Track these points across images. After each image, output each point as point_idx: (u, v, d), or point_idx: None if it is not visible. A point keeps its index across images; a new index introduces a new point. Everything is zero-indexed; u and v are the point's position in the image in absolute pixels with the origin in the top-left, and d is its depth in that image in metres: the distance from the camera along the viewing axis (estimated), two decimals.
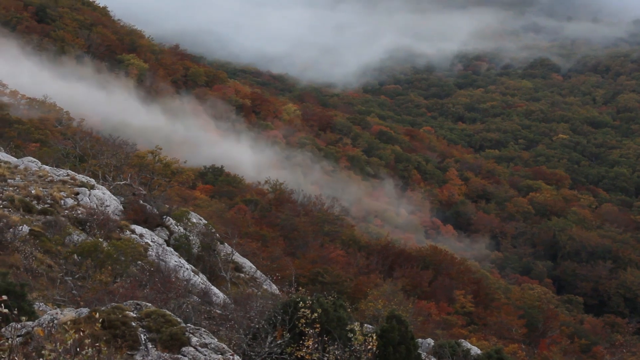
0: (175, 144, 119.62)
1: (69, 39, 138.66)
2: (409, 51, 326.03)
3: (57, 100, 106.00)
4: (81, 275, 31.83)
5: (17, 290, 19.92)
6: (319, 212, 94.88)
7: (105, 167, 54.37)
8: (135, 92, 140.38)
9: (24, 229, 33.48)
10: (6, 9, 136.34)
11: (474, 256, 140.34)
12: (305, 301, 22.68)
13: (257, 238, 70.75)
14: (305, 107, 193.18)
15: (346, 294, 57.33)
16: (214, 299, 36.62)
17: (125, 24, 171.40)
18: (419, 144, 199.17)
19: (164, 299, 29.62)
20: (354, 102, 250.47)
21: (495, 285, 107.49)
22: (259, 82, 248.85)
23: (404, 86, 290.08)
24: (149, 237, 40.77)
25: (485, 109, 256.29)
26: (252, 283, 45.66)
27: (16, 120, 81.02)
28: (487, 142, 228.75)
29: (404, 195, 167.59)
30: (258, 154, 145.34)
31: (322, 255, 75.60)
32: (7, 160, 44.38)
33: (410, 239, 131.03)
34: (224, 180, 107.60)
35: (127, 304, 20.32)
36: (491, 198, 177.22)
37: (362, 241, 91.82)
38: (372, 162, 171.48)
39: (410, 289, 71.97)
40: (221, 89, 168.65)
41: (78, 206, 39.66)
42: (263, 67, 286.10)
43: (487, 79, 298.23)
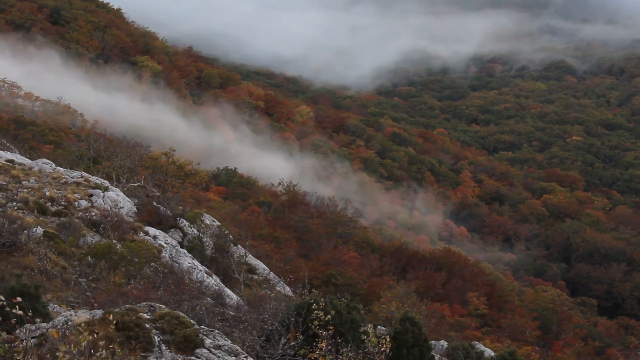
0: (188, 145, 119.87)
1: (83, 40, 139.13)
2: (424, 53, 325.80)
3: (71, 102, 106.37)
4: (95, 277, 31.90)
5: (31, 291, 19.99)
6: (332, 213, 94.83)
7: (119, 168, 54.46)
8: (149, 94, 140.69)
9: (38, 230, 33.57)
10: (21, 11, 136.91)
11: (488, 258, 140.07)
12: (319, 303, 22.67)
13: (271, 240, 70.76)
14: (318, 109, 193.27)
15: (359, 296, 57.32)
16: (227, 300, 36.65)
17: (139, 26, 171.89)
18: (433, 145, 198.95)
19: (178, 301, 29.65)
20: (367, 104, 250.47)
21: (509, 287, 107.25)
22: (273, 84, 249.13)
23: (417, 88, 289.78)
24: (162, 238, 40.83)
25: (499, 111, 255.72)
26: (266, 285, 45.66)
27: (30, 122, 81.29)
28: (500, 144, 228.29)
29: (417, 197, 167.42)
30: (279, 160, 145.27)
31: (336, 257, 75.58)
32: (22, 162, 44.52)
33: (423, 241, 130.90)
34: (237, 182, 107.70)
35: (140, 305, 20.35)
36: (505, 200, 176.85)
37: (375, 243, 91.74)
38: (386, 164, 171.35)
39: (424, 291, 71.84)
40: (235, 91, 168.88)
41: (92, 208, 39.76)
42: (278, 69, 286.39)
43: (500, 80, 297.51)
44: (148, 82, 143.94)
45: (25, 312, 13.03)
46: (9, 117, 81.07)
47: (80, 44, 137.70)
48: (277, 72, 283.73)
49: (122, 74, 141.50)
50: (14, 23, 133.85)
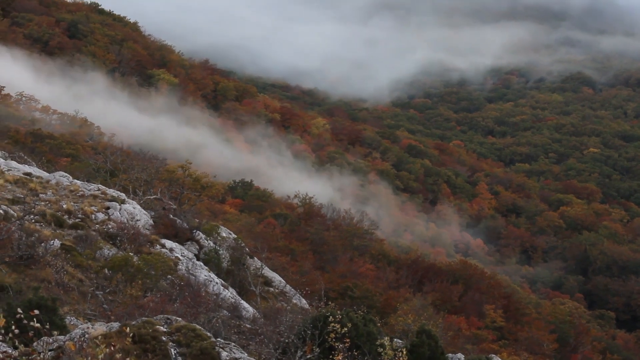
0: (205, 158, 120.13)
1: (100, 54, 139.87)
2: (441, 65, 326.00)
3: (88, 115, 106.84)
4: (112, 290, 31.98)
5: (48, 304, 20.06)
6: (348, 226, 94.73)
7: (136, 181, 54.63)
8: (165, 107, 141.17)
9: (55, 243, 33.69)
10: (39, 25, 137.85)
11: (504, 271, 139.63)
12: (335, 315, 22.67)
13: (287, 252, 70.75)
14: (334, 122, 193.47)
15: (376, 309, 57.17)
16: (243, 313, 36.66)
17: (155, 39, 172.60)
18: (449, 157, 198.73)
19: (194, 314, 29.70)
20: (383, 116, 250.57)
21: (526, 299, 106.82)
22: (289, 96, 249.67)
23: (433, 100, 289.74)
24: (179, 251, 40.90)
25: (515, 123, 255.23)
26: (282, 297, 45.65)
27: (48, 135, 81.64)
28: (517, 156, 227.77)
29: (434, 209, 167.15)
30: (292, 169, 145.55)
31: (352, 270, 75.43)
32: (39, 175, 44.72)
33: (440, 253, 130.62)
34: (253, 195, 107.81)
35: (157, 318, 20.40)
36: (521, 212, 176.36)
37: (391, 255, 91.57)
38: (402, 176, 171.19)
39: (440, 304, 71.65)
40: (251, 103, 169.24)
41: (109, 220, 39.88)
42: (295, 82, 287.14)
43: (517, 92, 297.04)
44: (164, 95, 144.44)
45: (43, 324, 13.08)
46: (27, 131, 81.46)
47: (97, 57, 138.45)
48: (294, 85, 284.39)
49: (139, 87, 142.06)
50: (32, 37, 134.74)
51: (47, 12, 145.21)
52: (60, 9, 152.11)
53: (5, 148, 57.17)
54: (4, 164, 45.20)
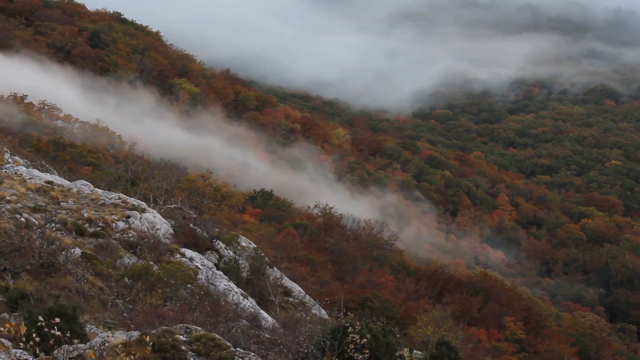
0: (225, 167, 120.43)
1: (122, 63, 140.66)
2: (464, 77, 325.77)
3: (109, 124, 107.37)
4: (132, 298, 32.07)
5: (69, 312, 20.15)
6: (368, 236, 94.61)
7: (156, 190, 54.81)
8: (186, 116, 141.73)
9: (76, 251, 33.83)
10: (61, 34, 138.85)
11: (525, 283, 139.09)
12: (354, 326, 22.64)
13: (306, 262, 70.71)
14: (355, 132, 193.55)
15: (395, 320, 57.02)
16: (263, 323, 36.65)
17: (177, 49, 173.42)
18: (469, 169, 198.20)
19: (214, 323, 29.73)
20: (403, 127, 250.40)
21: (547, 312, 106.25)
22: (309, 106, 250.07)
23: (454, 111, 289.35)
24: (198, 260, 40.98)
25: (537, 135, 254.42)
26: (301, 307, 45.63)
27: (69, 144, 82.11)
28: (538, 168, 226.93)
29: (454, 220, 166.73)
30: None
31: (371, 280, 75.29)
32: (61, 183, 44.96)
33: (459, 264, 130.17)
34: (273, 205, 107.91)
35: (177, 327, 20.44)
36: (542, 224, 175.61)
37: (411, 266, 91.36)
38: (422, 187, 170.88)
39: (460, 315, 71.35)
40: (271, 113, 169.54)
41: (129, 229, 40.02)
42: (317, 92, 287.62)
43: (538, 104, 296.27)
44: (185, 105, 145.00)
45: (63, 333, 13.15)
46: (49, 139, 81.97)
47: (119, 66, 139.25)
48: (314, 95, 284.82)
49: (160, 96, 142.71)
50: (55, 46, 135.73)
51: (70, 22, 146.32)
52: (83, 18, 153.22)
53: (27, 156, 57.53)
54: (25, 172, 45.47)
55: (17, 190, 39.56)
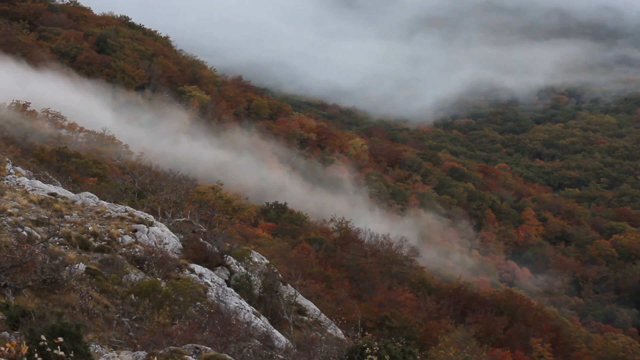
0: (236, 179, 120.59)
1: (130, 69, 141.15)
2: (490, 85, 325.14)
3: (115, 133, 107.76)
4: (138, 317, 32.08)
5: (72, 331, 20.18)
6: (387, 252, 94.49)
7: (165, 203, 54.90)
8: (196, 125, 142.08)
9: (80, 267, 33.88)
10: (66, 39, 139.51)
11: (552, 302, 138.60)
12: (372, 347, 22.58)
13: (322, 279, 70.65)
14: (373, 142, 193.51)
15: (415, 340, 56.90)
16: (276, 343, 36.63)
17: (187, 55, 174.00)
18: (494, 181, 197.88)
19: (224, 343, 29.72)
20: (424, 137, 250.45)
21: (576, 333, 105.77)
22: (325, 115, 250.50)
23: (478, 121, 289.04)
24: (208, 276, 41.00)
25: (565, 145, 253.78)
26: (316, 327, 45.59)
27: (74, 154, 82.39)
28: (566, 181, 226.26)
29: (477, 235, 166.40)
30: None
31: (390, 298, 75.17)
32: (65, 195, 45.08)
33: (483, 282, 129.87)
34: (287, 218, 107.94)
35: (185, 347, 20.44)
36: (571, 240, 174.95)
37: (432, 284, 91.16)
38: (444, 200, 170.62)
39: (484, 336, 71.16)
40: (285, 122, 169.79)
41: (136, 244, 40.07)
42: (336, 101, 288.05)
43: (567, 113, 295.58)
44: (195, 113, 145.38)
45: (67, 352, 13.16)
46: (52, 149, 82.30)
47: (126, 72, 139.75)
48: (330, 103, 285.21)
49: (169, 103, 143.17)
50: (60, 51, 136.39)
51: (76, 26, 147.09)
52: (89, 22, 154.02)
53: (30, 167, 57.75)
54: (28, 184, 45.65)
55: (19, 203, 39.70)
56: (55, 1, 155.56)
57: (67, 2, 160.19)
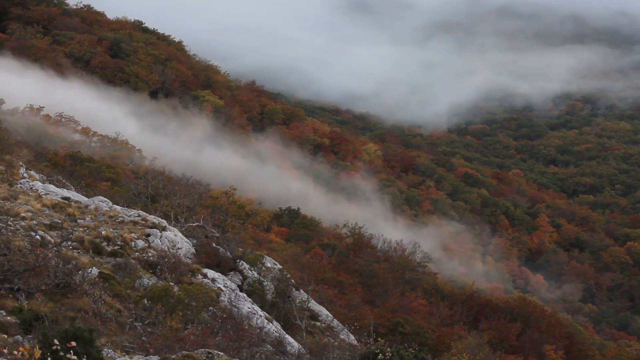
0: (250, 183, 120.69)
1: (143, 74, 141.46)
2: (505, 90, 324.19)
3: (129, 137, 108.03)
4: (151, 321, 32.13)
5: (85, 335, 20.24)
6: (400, 258, 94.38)
7: (178, 207, 55.00)
8: (210, 130, 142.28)
9: (93, 271, 33.95)
10: (80, 43, 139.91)
11: (566, 309, 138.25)
12: (385, 353, 22.57)
13: (334, 284, 70.61)
14: (386, 148, 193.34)
15: (428, 346, 56.80)
16: (288, 348, 36.64)
17: (200, 59, 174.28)
18: (507, 187, 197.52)
19: (237, 348, 29.76)
20: (438, 142, 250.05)
21: (590, 340, 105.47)
22: (339, 120, 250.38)
23: (492, 126, 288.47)
24: (221, 281, 41.03)
25: (580, 152, 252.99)
26: (329, 332, 45.57)
27: (87, 158, 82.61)
28: (581, 187, 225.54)
29: (491, 242, 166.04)
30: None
31: (403, 304, 75.08)
32: (78, 199, 45.22)
33: (497, 288, 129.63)
34: (300, 223, 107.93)
35: (198, 352, 20.47)
36: (585, 247, 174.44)
37: (445, 290, 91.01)
38: (457, 206, 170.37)
39: (497, 343, 70.99)
40: (298, 127, 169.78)
41: (149, 248, 40.15)
42: (349, 106, 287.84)
43: (581, 120, 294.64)
44: (209, 117, 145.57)
45: (80, 356, 13.21)
46: (66, 153, 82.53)
47: (139, 77, 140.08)
48: (344, 109, 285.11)
49: (182, 108, 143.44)
50: (73, 56, 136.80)
51: (89, 30, 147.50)
52: (102, 26, 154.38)
53: (44, 171, 57.96)
54: (41, 188, 45.81)
55: (32, 207, 39.84)
56: (69, 5, 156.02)
57: (81, 6, 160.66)
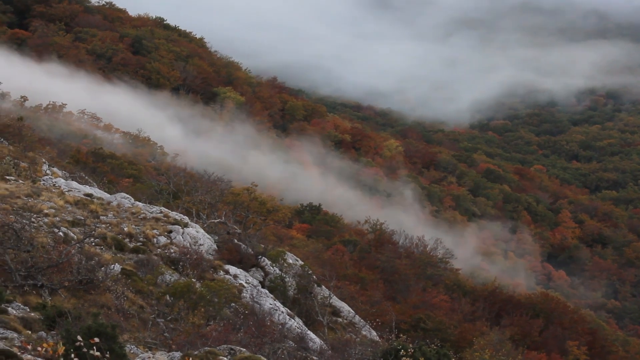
0: (271, 180, 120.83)
1: (165, 71, 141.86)
2: (528, 86, 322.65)
3: (150, 134, 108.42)
4: (173, 317, 32.21)
5: (108, 331, 20.30)
6: (422, 254, 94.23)
7: (200, 204, 55.07)
8: (231, 126, 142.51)
9: (115, 267, 34.06)
10: (102, 40, 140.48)
11: (589, 305, 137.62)
12: (407, 349, 22.55)
13: (356, 281, 70.57)
14: (407, 144, 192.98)
15: (450, 342, 56.71)
16: (310, 344, 36.63)
17: (222, 56, 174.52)
18: (529, 183, 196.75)
19: (259, 344, 29.79)
20: (459, 138, 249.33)
21: (613, 336, 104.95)
22: (360, 117, 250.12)
23: (514, 122, 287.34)
24: (243, 278, 41.08)
25: (602, 147, 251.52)
26: (350, 328, 45.56)
27: (110, 155, 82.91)
28: (603, 183, 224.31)
29: (513, 237, 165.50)
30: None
31: (424, 300, 74.96)
32: (100, 196, 45.37)
33: (519, 284, 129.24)
34: (321, 219, 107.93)
35: (220, 348, 20.50)
36: (608, 242, 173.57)
37: (467, 286, 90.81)
38: (479, 202, 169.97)
39: (519, 339, 70.78)
40: (320, 123, 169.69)
41: (171, 245, 40.21)
42: (372, 102, 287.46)
43: (604, 115, 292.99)
44: (230, 114, 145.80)
45: (103, 353, 13.26)
46: (88, 150, 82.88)
47: (161, 74, 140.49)
48: (365, 105, 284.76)
49: (204, 105, 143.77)
50: (95, 53, 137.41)
51: (111, 27, 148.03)
52: (124, 24, 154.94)
53: (66, 168, 58.15)
54: (64, 185, 46.01)
55: (55, 204, 39.98)
56: (91, 3, 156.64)
57: (103, 3, 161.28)
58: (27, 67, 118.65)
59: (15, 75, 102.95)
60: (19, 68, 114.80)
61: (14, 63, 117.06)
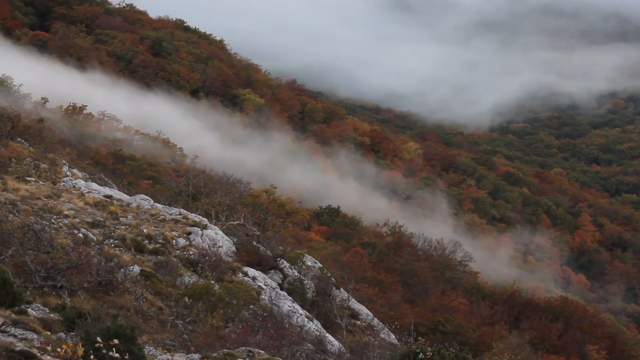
0: (290, 182, 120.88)
1: (184, 73, 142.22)
2: (550, 89, 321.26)
3: (170, 136, 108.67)
4: (192, 319, 32.26)
5: (127, 333, 20.33)
6: (440, 257, 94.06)
7: (219, 206, 55.15)
8: (250, 128, 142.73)
9: (134, 269, 34.15)
10: (122, 42, 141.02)
11: (609, 309, 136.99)
12: (426, 352, 22.49)
13: (375, 283, 70.54)
14: (427, 146, 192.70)
15: (469, 346, 56.60)
16: (328, 347, 36.63)
17: (241, 58, 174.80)
18: (549, 186, 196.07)
19: (277, 346, 29.80)
20: (479, 141, 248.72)
21: (633, 341, 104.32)
22: (379, 119, 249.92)
23: (533, 125, 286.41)
24: (261, 280, 41.11)
25: (622, 151, 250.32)
26: (369, 331, 45.51)
27: (129, 157, 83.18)
28: (623, 186, 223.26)
29: (532, 241, 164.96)
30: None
31: (443, 304, 74.83)
32: (120, 197, 45.53)
33: (538, 288, 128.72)
34: (340, 222, 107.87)
35: (239, 350, 20.51)
36: (628, 246, 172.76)
37: (486, 289, 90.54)
38: (498, 205, 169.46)
39: (538, 342, 70.55)
40: (339, 126, 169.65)
41: (190, 246, 40.29)
42: (392, 105, 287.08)
43: (624, 118, 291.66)
44: (250, 116, 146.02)
45: (122, 354, 13.28)
46: (108, 152, 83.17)
47: (181, 76, 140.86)
48: (385, 107, 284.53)
49: (223, 107, 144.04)
50: (116, 54, 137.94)
51: (132, 29, 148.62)
52: (144, 25, 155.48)
53: (86, 169, 58.41)
54: (84, 186, 46.19)
55: (75, 205, 40.12)
56: (112, 5, 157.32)
57: (124, 5, 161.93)
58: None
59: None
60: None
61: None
